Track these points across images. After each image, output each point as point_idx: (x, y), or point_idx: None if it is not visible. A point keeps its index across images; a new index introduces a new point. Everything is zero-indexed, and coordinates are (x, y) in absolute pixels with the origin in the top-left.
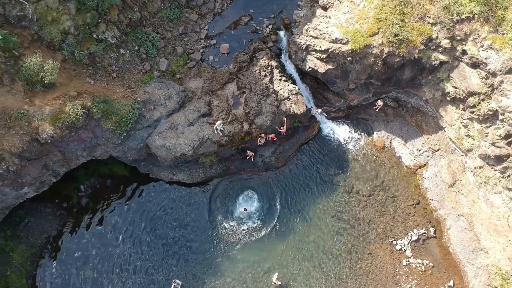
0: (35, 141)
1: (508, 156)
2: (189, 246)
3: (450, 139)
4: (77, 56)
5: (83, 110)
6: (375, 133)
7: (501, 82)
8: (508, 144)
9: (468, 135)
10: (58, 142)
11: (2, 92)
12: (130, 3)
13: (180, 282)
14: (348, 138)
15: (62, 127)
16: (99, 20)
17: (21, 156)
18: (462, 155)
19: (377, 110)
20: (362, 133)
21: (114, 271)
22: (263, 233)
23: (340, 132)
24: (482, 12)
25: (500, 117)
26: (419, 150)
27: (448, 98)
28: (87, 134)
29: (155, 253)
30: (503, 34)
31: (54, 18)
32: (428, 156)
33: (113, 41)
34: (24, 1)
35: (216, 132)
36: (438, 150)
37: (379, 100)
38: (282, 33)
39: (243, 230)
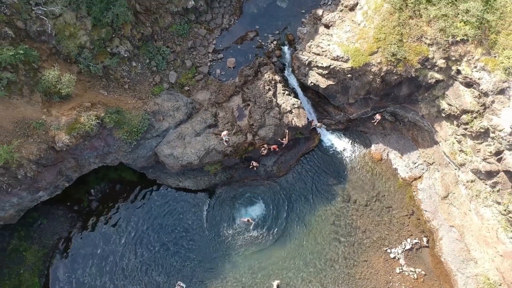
0: (52, 149)
1: (498, 171)
2: (193, 250)
3: (444, 153)
4: (92, 69)
5: (97, 120)
6: (372, 145)
7: (493, 102)
8: (498, 160)
9: (461, 150)
10: (72, 150)
11: (22, 103)
12: (142, 19)
13: (184, 285)
14: (347, 150)
15: (77, 136)
16: (113, 35)
17: (38, 163)
18: (455, 169)
19: (375, 123)
20: (361, 146)
21: (120, 273)
22: (264, 239)
23: (340, 144)
24: (476, 35)
25: (491, 134)
26: (415, 163)
27: (443, 115)
28: (100, 142)
29: (160, 256)
30: (495, 56)
31: (71, 33)
32: (423, 169)
33: (125, 55)
34: (44, 17)
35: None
36: (432, 163)
37: (377, 114)
38: (286, 48)
39: (245, 236)
